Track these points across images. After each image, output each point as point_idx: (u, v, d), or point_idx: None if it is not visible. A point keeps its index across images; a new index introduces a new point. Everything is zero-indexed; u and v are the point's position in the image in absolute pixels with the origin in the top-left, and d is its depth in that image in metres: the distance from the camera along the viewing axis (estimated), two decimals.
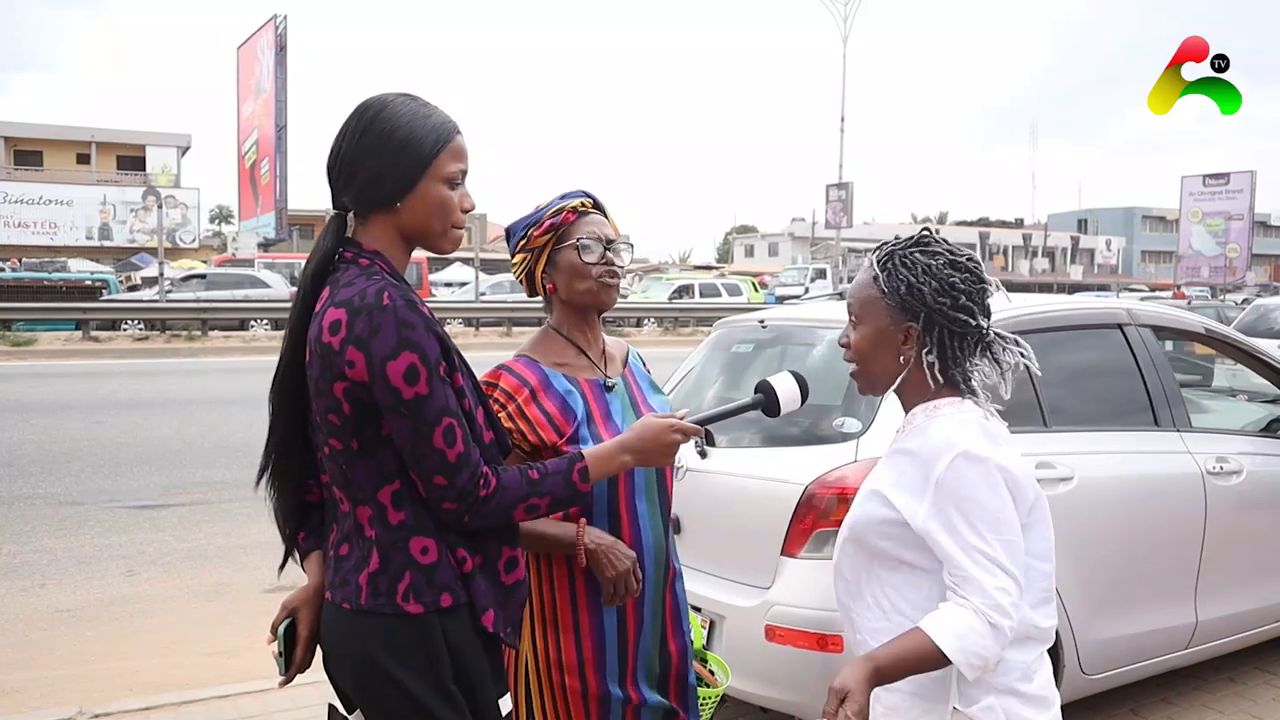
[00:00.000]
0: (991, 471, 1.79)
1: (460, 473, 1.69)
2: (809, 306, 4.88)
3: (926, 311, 1.86)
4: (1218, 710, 4.06)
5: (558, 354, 2.22)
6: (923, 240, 1.93)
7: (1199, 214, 48.54)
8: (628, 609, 2.16)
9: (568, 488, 1.82)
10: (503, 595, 1.82)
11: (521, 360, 2.19)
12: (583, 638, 2.14)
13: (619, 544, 2.09)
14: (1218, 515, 3.81)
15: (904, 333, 1.89)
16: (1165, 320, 4.23)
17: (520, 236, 2.21)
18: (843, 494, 3.03)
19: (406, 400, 1.65)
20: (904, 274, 1.88)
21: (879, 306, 1.91)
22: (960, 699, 1.82)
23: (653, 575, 2.19)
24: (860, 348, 1.95)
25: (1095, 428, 3.71)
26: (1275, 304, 13.94)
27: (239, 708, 4.04)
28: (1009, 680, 1.85)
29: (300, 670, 1.90)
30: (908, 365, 1.90)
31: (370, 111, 1.76)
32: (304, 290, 1.77)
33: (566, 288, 2.20)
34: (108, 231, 42.92)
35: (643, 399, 2.28)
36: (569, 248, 2.18)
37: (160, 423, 11.37)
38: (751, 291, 32.84)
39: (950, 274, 1.88)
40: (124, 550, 6.55)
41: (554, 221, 2.17)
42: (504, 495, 1.74)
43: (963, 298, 1.87)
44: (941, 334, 1.88)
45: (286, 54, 34.11)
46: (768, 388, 2.10)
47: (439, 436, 1.67)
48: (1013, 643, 1.83)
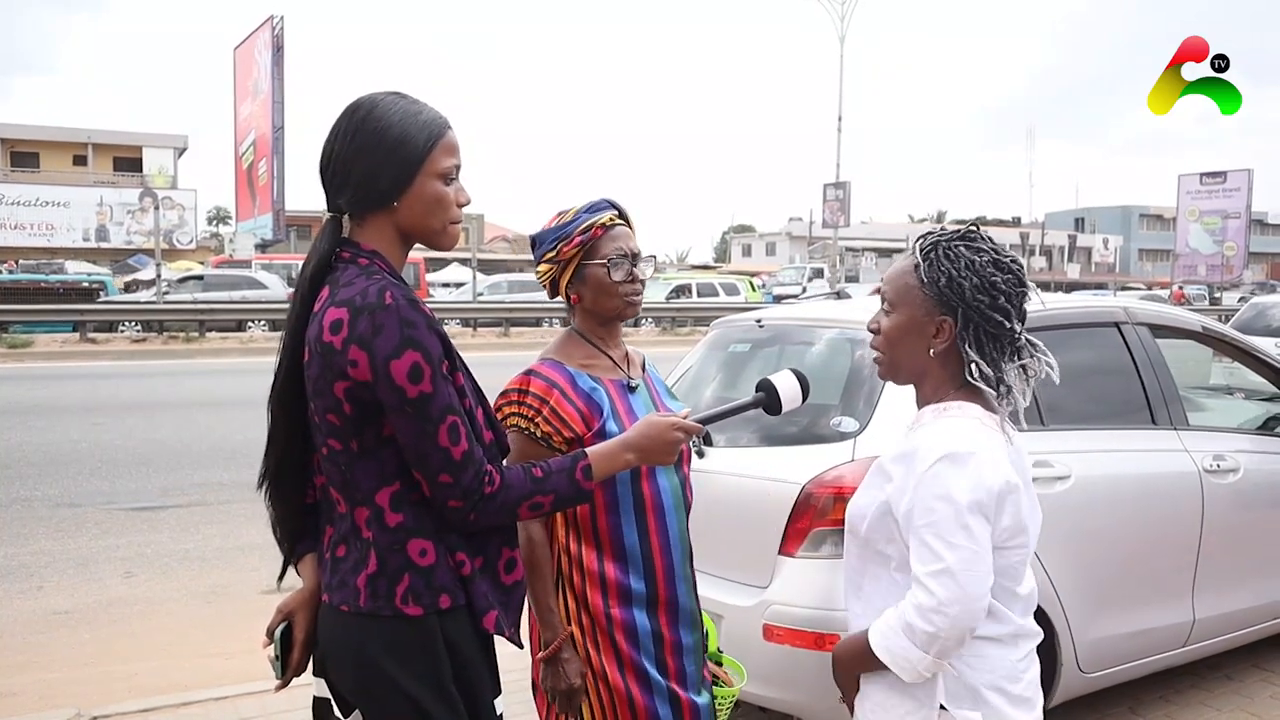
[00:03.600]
0: (966, 479, 1.76)
1: (465, 470, 1.69)
2: (806, 306, 4.89)
3: (964, 307, 1.84)
4: (1215, 708, 4.07)
5: (582, 356, 2.27)
6: (969, 235, 1.91)
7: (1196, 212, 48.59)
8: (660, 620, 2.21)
9: (571, 486, 1.83)
10: (504, 595, 1.82)
11: (547, 363, 2.24)
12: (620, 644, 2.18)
13: (576, 665, 2.15)
14: (1215, 513, 3.82)
15: (937, 325, 1.87)
16: (1162, 319, 4.23)
17: (549, 249, 2.24)
18: (840, 493, 3.03)
19: (411, 399, 1.64)
20: (946, 266, 1.85)
21: (915, 295, 1.89)
22: (947, 697, 1.82)
23: (682, 571, 2.25)
24: (890, 335, 1.93)
25: (1092, 426, 3.71)
26: (1272, 302, 13.94)
27: (237, 709, 4.04)
28: (995, 679, 1.84)
29: (297, 673, 1.89)
30: (935, 359, 1.89)
31: (361, 111, 1.75)
32: (301, 291, 1.76)
33: (593, 301, 2.26)
34: (104, 233, 42.91)
35: (661, 403, 2.33)
36: (597, 266, 2.22)
37: (158, 424, 11.37)
38: (749, 291, 32.82)
39: (993, 272, 1.85)
40: (122, 552, 6.54)
41: (584, 238, 2.21)
42: (509, 493, 1.74)
43: (1001, 298, 1.84)
44: (977, 332, 1.85)
45: (283, 55, 34.08)
46: (769, 386, 2.13)
47: (444, 434, 1.67)
48: (1001, 644, 1.84)
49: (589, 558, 2.18)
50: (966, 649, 1.82)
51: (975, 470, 1.77)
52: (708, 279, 35.69)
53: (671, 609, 2.22)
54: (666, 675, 2.19)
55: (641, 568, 2.18)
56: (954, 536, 1.74)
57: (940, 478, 1.77)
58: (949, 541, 1.73)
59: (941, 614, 1.72)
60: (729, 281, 34.57)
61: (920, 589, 1.75)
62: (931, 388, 1.93)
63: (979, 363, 1.86)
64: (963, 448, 1.79)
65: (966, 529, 1.74)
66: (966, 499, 1.75)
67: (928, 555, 1.75)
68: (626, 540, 2.17)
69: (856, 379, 3.39)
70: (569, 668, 2.13)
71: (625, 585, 2.17)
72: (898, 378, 1.99)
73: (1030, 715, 1.89)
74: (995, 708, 1.84)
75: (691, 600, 2.29)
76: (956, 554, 1.73)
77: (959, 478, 1.76)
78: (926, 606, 1.73)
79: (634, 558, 2.18)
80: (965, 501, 1.75)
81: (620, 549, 2.17)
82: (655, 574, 2.19)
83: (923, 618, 1.73)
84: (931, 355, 1.89)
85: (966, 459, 1.77)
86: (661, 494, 2.21)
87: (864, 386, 3.34)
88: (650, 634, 2.19)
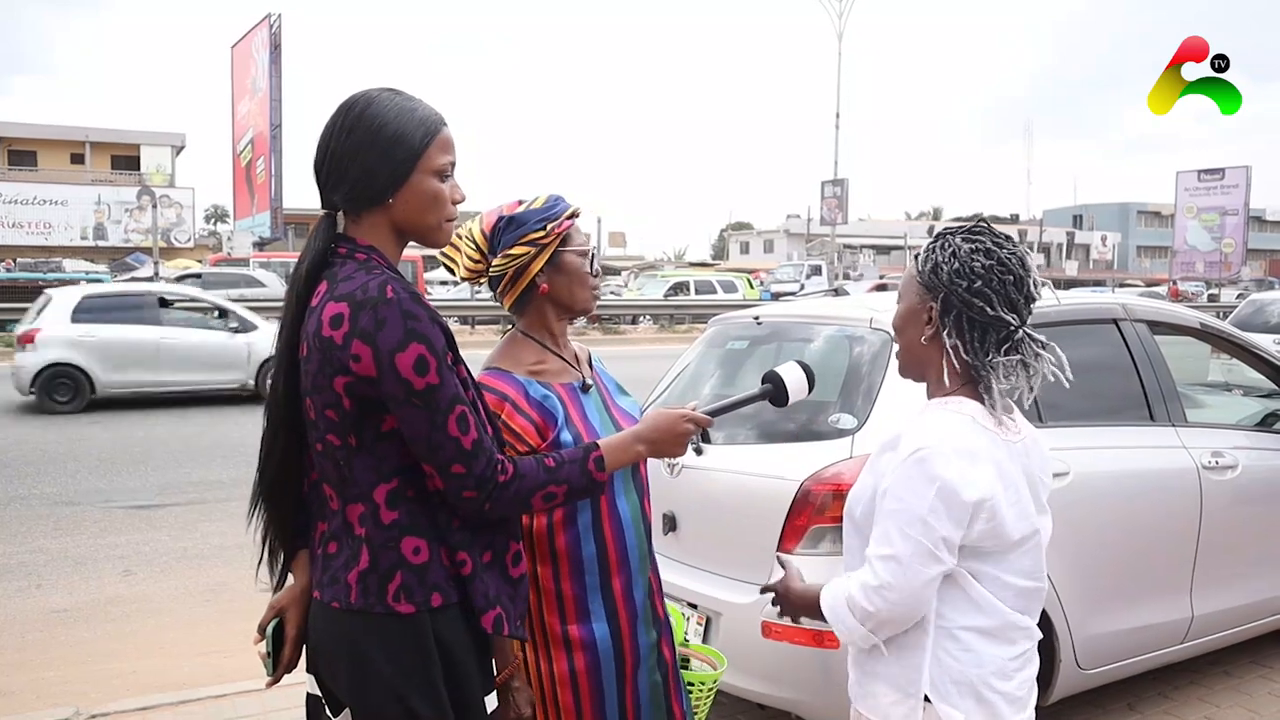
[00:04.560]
0: (934, 478, 1.78)
1: (478, 459, 1.69)
2: (804, 303, 4.89)
3: (944, 292, 1.88)
4: (1214, 704, 4.07)
5: (531, 360, 2.14)
6: (974, 229, 1.95)
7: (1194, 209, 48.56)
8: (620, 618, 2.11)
9: (584, 476, 1.84)
10: (511, 589, 1.81)
11: (493, 373, 2.11)
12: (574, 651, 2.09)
13: (526, 694, 2.04)
14: (1213, 510, 3.82)
15: (927, 312, 1.91)
16: (1160, 315, 4.23)
17: (533, 229, 2.08)
18: (838, 490, 3.03)
19: (419, 391, 1.64)
20: (935, 254, 1.91)
21: (912, 284, 1.95)
22: (932, 690, 1.84)
23: (640, 580, 2.15)
24: (896, 324, 2.00)
25: (1091, 423, 3.71)
26: (1270, 298, 13.96)
27: (236, 707, 4.03)
28: (984, 674, 1.85)
29: (288, 669, 1.89)
30: (933, 349, 1.92)
31: (356, 109, 1.75)
32: (297, 287, 1.75)
33: (566, 290, 2.15)
34: (102, 231, 42.83)
35: (611, 400, 2.25)
36: (575, 252, 2.14)
37: (156, 423, 11.37)
38: (747, 288, 32.83)
39: (975, 258, 1.86)
40: (120, 550, 6.54)
41: (570, 221, 2.14)
42: (523, 482, 1.75)
43: (979, 282, 1.84)
44: (959, 318, 1.87)
45: (281, 53, 33.98)
46: (775, 377, 2.11)
47: (453, 424, 1.66)
48: (993, 639, 1.86)
49: (544, 575, 2.08)
50: (954, 640, 1.84)
51: (945, 470, 1.78)
52: (706, 276, 35.71)
53: (631, 614, 2.13)
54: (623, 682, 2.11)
55: (599, 580, 2.09)
56: (911, 529, 1.79)
57: (912, 470, 1.80)
58: (904, 533, 1.79)
59: (882, 596, 1.81)
60: (727, 279, 34.57)
61: (869, 569, 1.84)
62: (935, 381, 1.94)
63: (959, 347, 1.87)
64: (940, 445, 1.81)
65: (924, 523, 1.78)
66: (930, 495, 1.78)
67: (883, 540, 1.82)
68: (584, 552, 2.08)
69: (855, 376, 3.39)
70: (519, 697, 2.03)
71: (583, 602, 2.08)
72: (906, 369, 2.02)
73: (1019, 716, 1.89)
74: (983, 703, 1.84)
75: (648, 602, 2.18)
76: (908, 546, 1.79)
77: (928, 475, 1.79)
78: (870, 585, 1.82)
79: (590, 568, 2.08)
80: (928, 498, 1.78)
81: (578, 563, 2.08)
82: (612, 588, 2.10)
83: (864, 595, 1.83)
84: (923, 343, 1.92)
85: (939, 458, 1.79)
86: (620, 510, 2.12)
87: (862, 383, 3.34)
88: (610, 648, 2.10)
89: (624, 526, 2.13)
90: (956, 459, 1.80)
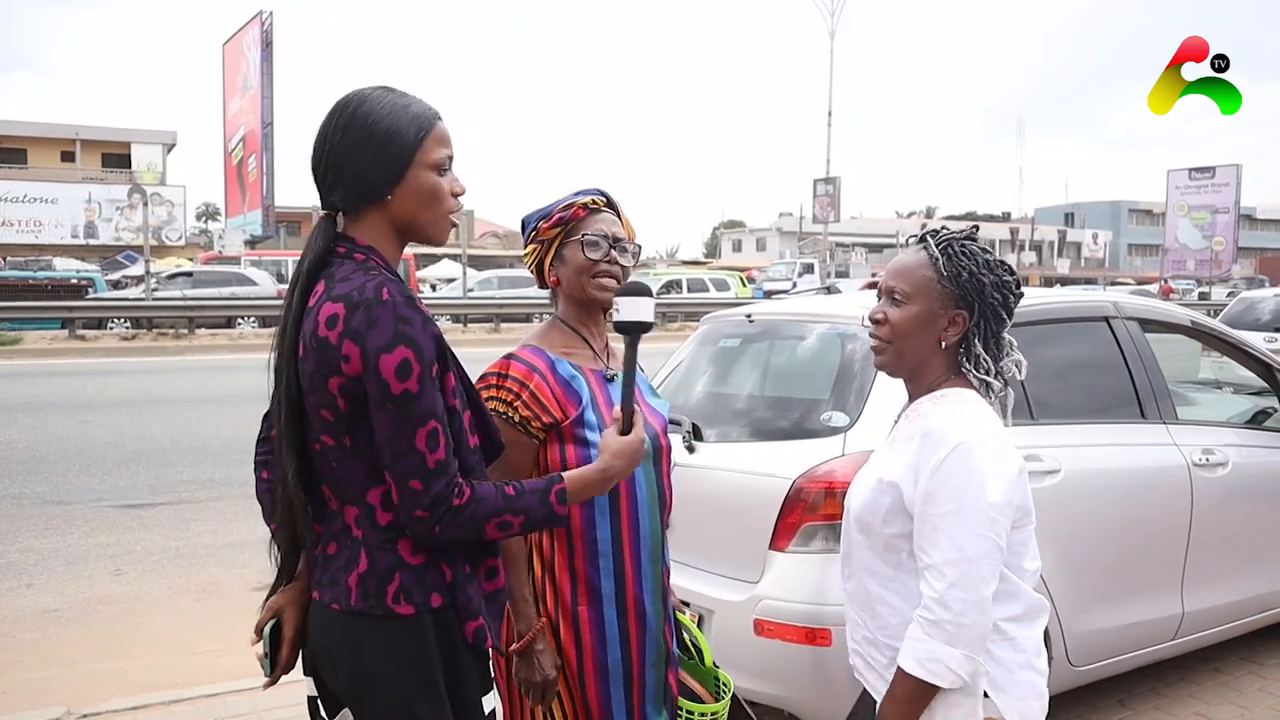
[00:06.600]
0: (991, 467, 1.79)
1: (437, 480, 1.65)
2: (796, 301, 4.88)
3: (980, 303, 1.92)
4: (1204, 700, 4.09)
5: (563, 344, 2.24)
6: (973, 236, 1.99)
7: (1185, 207, 48.64)
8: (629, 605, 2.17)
9: (543, 507, 1.77)
10: (485, 603, 1.81)
11: (528, 348, 2.21)
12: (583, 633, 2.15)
13: (551, 657, 2.11)
14: (1204, 507, 3.83)
15: (950, 318, 1.93)
16: (1151, 313, 4.24)
17: (531, 229, 2.26)
18: (830, 488, 3.04)
19: (394, 395, 1.62)
20: (965, 262, 1.92)
21: (933, 289, 1.93)
22: (991, 686, 1.85)
23: (649, 570, 2.21)
24: (901, 326, 1.95)
25: (1082, 420, 3.72)
26: (1260, 296, 14.01)
27: (228, 706, 4.02)
28: (1028, 657, 1.89)
29: (285, 670, 1.88)
30: (944, 351, 1.94)
31: (350, 107, 1.74)
32: (297, 288, 1.74)
33: (570, 282, 2.23)
34: (93, 230, 42.66)
35: (643, 399, 2.27)
36: (574, 243, 2.21)
37: (147, 421, 11.32)
38: (739, 286, 32.85)
39: (1005, 273, 1.95)
40: (112, 550, 6.51)
41: (563, 216, 2.21)
42: (479, 507, 1.69)
43: (1011, 298, 1.95)
44: (985, 328, 1.94)
45: (273, 50, 33.93)
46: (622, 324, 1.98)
47: (421, 438, 1.64)
48: (1025, 623, 1.88)
49: (559, 554, 2.15)
50: (998, 634, 1.85)
51: (997, 457, 1.81)
52: (698, 274, 35.72)
53: (640, 621, 2.18)
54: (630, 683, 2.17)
55: (612, 565, 2.15)
56: (978, 526, 1.76)
57: (965, 464, 1.79)
58: (970, 530, 1.76)
59: (953, 599, 1.75)
60: (719, 277, 34.60)
61: (926, 582, 1.78)
62: (929, 378, 1.97)
63: (983, 356, 1.93)
64: (982, 434, 1.83)
65: (991, 520, 1.77)
66: (994, 488, 1.78)
67: (946, 544, 1.77)
68: (599, 533, 2.14)
69: (847, 373, 3.39)
70: (543, 659, 2.09)
71: (595, 584, 2.14)
72: (899, 369, 2.02)
73: (1044, 684, 1.95)
74: (1033, 686, 1.89)
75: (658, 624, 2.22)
76: (977, 544, 1.76)
77: (984, 466, 1.79)
78: (932, 598, 1.76)
79: (605, 552, 2.14)
80: (992, 490, 1.78)
81: (593, 545, 2.14)
82: (624, 572, 2.16)
83: (940, 604, 1.75)
84: (943, 348, 1.94)
85: (987, 446, 1.81)
86: (636, 488, 2.17)
87: (854, 381, 3.34)
88: (618, 633, 2.16)
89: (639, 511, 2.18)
90: (1002, 444, 1.84)
